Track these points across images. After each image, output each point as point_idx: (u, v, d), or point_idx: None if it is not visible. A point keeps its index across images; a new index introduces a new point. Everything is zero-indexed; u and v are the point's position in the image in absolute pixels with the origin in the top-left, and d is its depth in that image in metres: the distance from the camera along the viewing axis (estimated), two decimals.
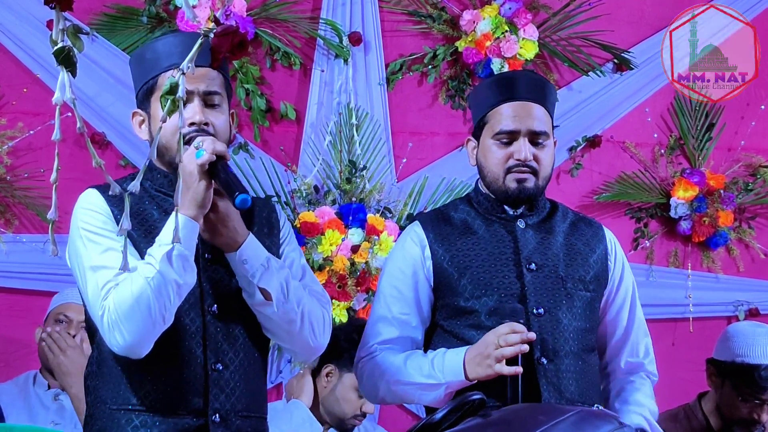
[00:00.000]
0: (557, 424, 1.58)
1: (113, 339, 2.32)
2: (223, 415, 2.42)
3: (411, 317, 2.71)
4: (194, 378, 2.41)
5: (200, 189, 2.32)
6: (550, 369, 2.61)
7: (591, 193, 4.61)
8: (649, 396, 2.77)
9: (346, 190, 4.27)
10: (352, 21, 4.40)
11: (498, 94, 2.70)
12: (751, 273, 4.73)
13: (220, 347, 2.43)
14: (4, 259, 4.01)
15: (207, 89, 2.46)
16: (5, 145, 4.05)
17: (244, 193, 2.27)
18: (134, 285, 2.29)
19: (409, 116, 4.49)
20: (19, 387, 3.75)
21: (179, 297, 2.32)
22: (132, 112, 2.57)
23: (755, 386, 3.35)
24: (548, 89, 2.77)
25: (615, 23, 4.63)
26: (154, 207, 2.47)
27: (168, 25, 4.24)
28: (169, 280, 2.29)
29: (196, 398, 2.40)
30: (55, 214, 1.43)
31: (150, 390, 2.40)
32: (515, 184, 2.66)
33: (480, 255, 2.69)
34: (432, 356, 2.63)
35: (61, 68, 1.39)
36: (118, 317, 2.30)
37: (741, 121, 4.76)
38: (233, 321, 2.46)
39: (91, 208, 2.43)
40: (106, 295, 2.32)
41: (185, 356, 2.41)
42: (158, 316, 2.29)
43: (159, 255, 2.30)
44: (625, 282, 2.79)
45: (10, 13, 4.10)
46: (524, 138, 2.66)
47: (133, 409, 2.41)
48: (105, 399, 2.44)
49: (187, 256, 2.32)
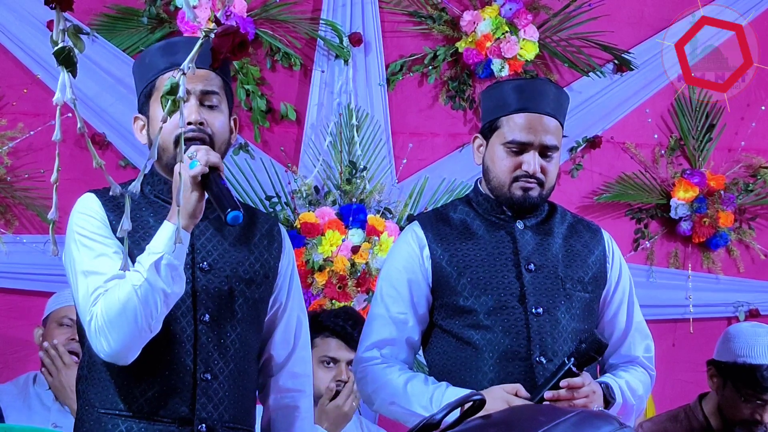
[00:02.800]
0: (558, 424, 1.58)
1: (99, 345, 2.33)
2: (210, 425, 2.41)
3: (408, 317, 2.71)
4: (182, 386, 2.40)
5: (192, 200, 2.31)
6: (549, 369, 2.61)
7: (591, 194, 4.61)
8: (639, 380, 2.74)
9: (346, 191, 4.27)
10: (352, 22, 4.39)
11: (514, 102, 2.69)
12: (751, 274, 4.72)
13: (210, 357, 2.42)
14: (4, 260, 4.01)
15: (204, 89, 2.45)
16: (5, 145, 4.05)
17: (235, 210, 2.26)
18: (121, 292, 2.29)
19: (409, 117, 4.49)
20: (18, 388, 3.75)
21: (166, 306, 2.31)
22: (133, 117, 2.57)
23: (757, 387, 3.34)
24: (564, 100, 2.77)
25: (615, 24, 4.63)
26: (151, 214, 2.47)
27: (168, 25, 4.23)
28: (156, 289, 2.28)
29: (183, 407, 2.40)
30: (55, 215, 1.43)
31: (137, 395, 2.40)
32: (520, 192, 2.67)
33: (479, 255, 2.69)
34: (433, 388, 2.62)
35: (62, 69, 1.38)
36: (105, 324, 2.30)
37: (741, 122, 4.76)
38: (225, 331, 2.45)
39: (87, 213, 2.43)
40: (95, 301, 2.32)
41: (174, 364, 2.40)
42: (144, 324, 2.29)
43: (148, 263, 2.29)
44: (622, 283, 2.80)
45: (10, 13, 4.10)
46: (535, 151, 2.66)
47: (120, 414, 2.41)
48: (94, 402, 2.44)
49: (176, 266, 2.30)
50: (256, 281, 2.52)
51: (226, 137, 2.49)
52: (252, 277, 2.51)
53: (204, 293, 2.44)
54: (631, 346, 2.79)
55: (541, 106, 2.69)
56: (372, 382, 2.68)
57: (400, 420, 2.69)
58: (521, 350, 2.61)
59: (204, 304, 2.44)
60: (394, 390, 2.64)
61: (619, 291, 2.79)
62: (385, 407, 2.68)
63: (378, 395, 2.67)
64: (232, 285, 2.47)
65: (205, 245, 2.48)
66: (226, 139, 2.50)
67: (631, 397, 2.70)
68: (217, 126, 2.45)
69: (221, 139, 2.46)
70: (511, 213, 2.72)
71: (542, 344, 2.62)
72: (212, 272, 2.46)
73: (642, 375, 2.77)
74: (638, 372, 2.77)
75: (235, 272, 2.49)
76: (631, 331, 2.80)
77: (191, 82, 2.39)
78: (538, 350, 2.62)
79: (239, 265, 2.50)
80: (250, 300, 2.50)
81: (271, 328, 2.61)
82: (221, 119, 2.47)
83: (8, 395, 3.70)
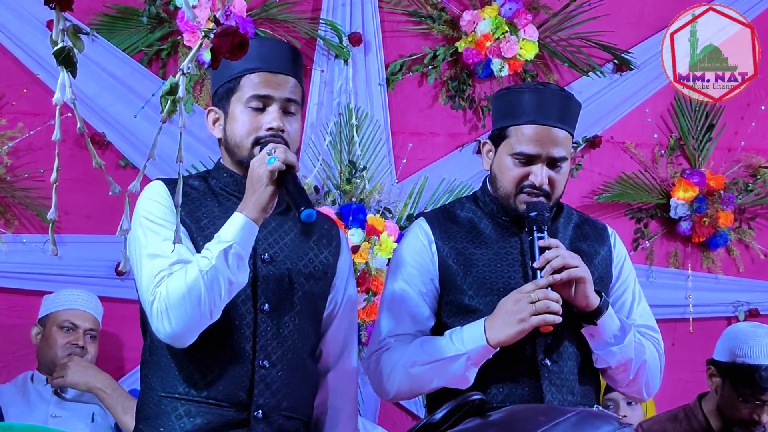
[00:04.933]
0: (557, 424, 1.59)
1: (161, 326, 2.39)
2: (266, 411, 2.46)
3: (423, 308, 2.70)
4: (241, 372, 2.46)
5: (266, 194, 2.39)
6: (553, 370, 2.61)
7: (591, 194, 4.61)
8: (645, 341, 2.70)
9: (346, 191, 4.27)
10: (352, 21, 4.39)
11: (524, 112, 2.66)
12: (751, 274, 4.73)
13: (269, 345, 2.48)
14: (4, 259, 4.01)
15: (289, 97, 2.54)
16: (5, 145, 4.04)
17: (310, 208, 2.33)
18: (189, 275, 2.36)
19: (409, 117, 4.49)
20: (18, 386, 3.78)
21: (229, 294, 2.38)
22: (207, 110, 2.63)
23: (756, 387, 3.34)
24: (575, 108, 2.74)
25: (615, 24, 4.63)
26: (215, 204, 2.55)
27: (168, 25, 4.24)
28: (223, 276, 2.35)
29: (241, 392, 2.45)
30: (55, 214, 1.43)
31: (197, 380, 2.46)
32: (525, 206, 2.65)
33: (486, 254, 2.69)
34: (449, 332, 2.62)
35: (61, 68, 1.39)
36: (168, 305, 2.36)
37: (741, 122, 4.76)
38: (284, 322, 2.51)
39: (155, 199, 2.50)
40: (159, 282, 2.39)
41: (234, 350, 2.46)
42: (206, 309, 2.36)
43: (217, 251, 2.36)
44: (625, 278, 2.78)
45: (10, 13, 4.10)
46: (543, 163, 2.64)
47: (179, 398, 2.46)
48: (154, 386, 2.50)
49: (242, 256, 2.37)
50: (315, 276, 2.58)
51: (298, 144, 2.59)
52: (311, 271, 2.57)
53: (264, 283, 2.50)
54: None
55: (550, 118, 2.65)
56: (387, 364, 2.65)
57: (423, 383, 2.62)
58: (526, 351, 2.61)
59: (264, 293, 2.49)
60: (412, 353, 2.62)
61: (622, 286, 2.78)
62: (406, 377, 2.62)
63: (396, 368, 2.63)
64: (292, 277, 2.54)
65: (267, 238, 2.54)
66: (298, 146, 2.60)
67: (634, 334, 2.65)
68: (293, 133, 2.54)
69: (294, 146, 2.54)
70: (516, 222, 2.70)
71: (546, 345, 2.61)
72: (273, 264, 2.52)
73: (648, 341, 2.73)
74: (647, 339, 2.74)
75: (295, 265, 2.55)
76: (638, 323, 2.77)
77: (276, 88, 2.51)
78: (543, 351, 2.62)
79: (299, 259, 2.56)
80: (308, 293, 2.56)
81: (326, 327, 2.66)
82: (296, 126, 2.56)
83: (8, 393, 3.74)
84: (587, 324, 2.60)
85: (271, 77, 2.53)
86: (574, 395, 2.63)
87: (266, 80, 2.52)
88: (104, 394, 3.59)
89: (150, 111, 4.14)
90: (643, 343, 2.69)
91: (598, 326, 2.59)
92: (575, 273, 2.55)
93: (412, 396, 2.86)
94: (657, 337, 2.78)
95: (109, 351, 4.05)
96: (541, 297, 2.52)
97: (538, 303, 2.51)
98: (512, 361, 2.60)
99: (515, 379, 2.60)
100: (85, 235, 4.07)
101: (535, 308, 2.51)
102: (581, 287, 2.56)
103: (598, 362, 2.66)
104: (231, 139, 2.54)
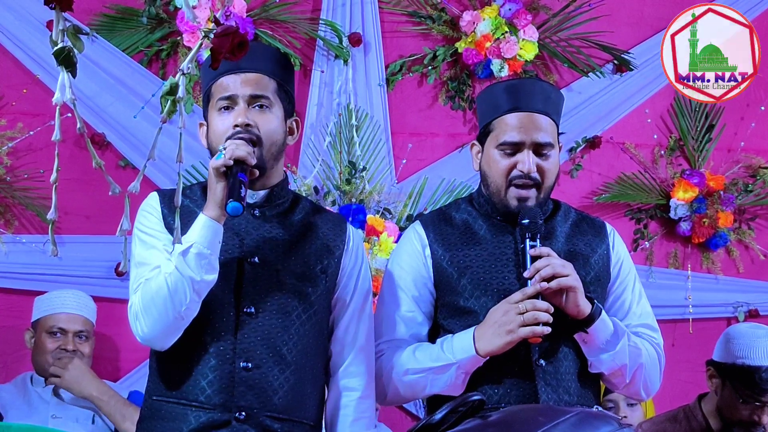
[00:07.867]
0: (557, 425, 1.58)
1: (136, 330, 2.47)
2: (250, 413, 2.46)
3: (417, 314, 2.71)
4: (222, 374, 2.47)
5: (218, 190, 2.41)
6: (548, 371, 2.61)
7: (591, 194, 4.61)
8: (641, 341, 2.69)
9: (345, 191, 4.27)
10: (351, 22, 4.40)
11: (504, 103, 2.68)
12: (750, 274, 4.72)
13: (251, 347, 2.48)
14: (3, 260, 4.01)
15: (253, 93, 2.54)
16: (5, 145, 4.05)
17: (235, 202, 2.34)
18: (156, 280, 2.42)
19: (408, 117, 4.49)
20: (17, 387, 3.78)
21: (198, 294, 2.41)
22: (199, 124, 2.67)
23: (756, 388, 3.34)
24: (556, 97, 2.74)
25: (615, 24, 4.63)
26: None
27: (168, 25, 4.24)
28: (184, 277, 2.38)
29: (223, 394, 2.46)
30: (54, 215, 1.43)
31: (179, 382, 2.49)
32: (516, 202, 2.65)
33: (480, 255, 2.69)
34: (440, 341, 2.63)
35: (61, 69, 1.39)
36: (140, 309, 2.44)
37: (741, 122, 4.76)
38: (273, 324, 2.51)
39: (147, 210, 2.58)
40: (136, 289, 2.47)
41: (215, 352, 2.48)
42: (173, 311, 2.40)
43: (177, 253, 2.41)
44: (624, 276, 2.78)
45: (10, 13, 4.11)
46: (528, 150, 2.64)
47: (166, 400, 2.51)
48: (149, 389, 2.58)
49: (205, 255, 2.39)
50: (309, 276, 2.57)
51: (278, 138, 2.57)
52: (305, 271, 2.56)
53: (250, 285, 2.51)
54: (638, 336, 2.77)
55: (531, 105, 2.66)
56: (381, 369, 2.67)
57: (417, 390, 2.65)
58: (520, 351, 2.61)
59: (249, 296, 2.50)
60: (405, 361, 2.63)
61: (621, 285, 2.77)
62: (400, 384, 2.64)
63: (391, 375, 2.65)
64: (283, 279, 2.54)
65: (259, 240, 2.54)
66: (278, 141, 2.57)
67: (629, 339, 2.64)
68: (267, 128, 2.53)
69: (270, 140, 2.54)
70: (509, 220, 2.70)
71: (542, 346, 2.61)
72: (263, 266, 2.52)
73: (646, 342, 2.72)
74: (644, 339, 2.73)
75: (286, 267, 2.55)
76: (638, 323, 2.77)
77: (242, 87, 2.53)
78: (538, 352, 2.61)
79: (293, 260, 2.56)
80: (303, 294, 2.55)
81: (333, 327, 2.65)
82: (273, 121, 2.55)
83: (8, 393, 3.75)
84: (579, 331, 2.61)
85: (234, 78, 2.55)
86: (571, 395, 2.62)
87: (231, 81, 2.55)
88: (101, 402, 3.60)
89: (150, 111, 4.14)
90: (639, 347, 2.68)
91: (589, 333, 2.59)
92: (565, 282, 2.55)
93: (407, 401, 2.88)
94: (657, 337, 2.77)
95: (108, 352, 4.05)
96: (529, 308, 2.52)
97: (526, 314, 2.52)
98: (507, 361, 2.60)
99: (510, 380, 2.60)
100: (85, 236, 4.07)
101: (523, 319, 2.51)
102: (572, 296, 2.56)
103: (592, 367, 2.66)
104: (210, 145, 2.58)
